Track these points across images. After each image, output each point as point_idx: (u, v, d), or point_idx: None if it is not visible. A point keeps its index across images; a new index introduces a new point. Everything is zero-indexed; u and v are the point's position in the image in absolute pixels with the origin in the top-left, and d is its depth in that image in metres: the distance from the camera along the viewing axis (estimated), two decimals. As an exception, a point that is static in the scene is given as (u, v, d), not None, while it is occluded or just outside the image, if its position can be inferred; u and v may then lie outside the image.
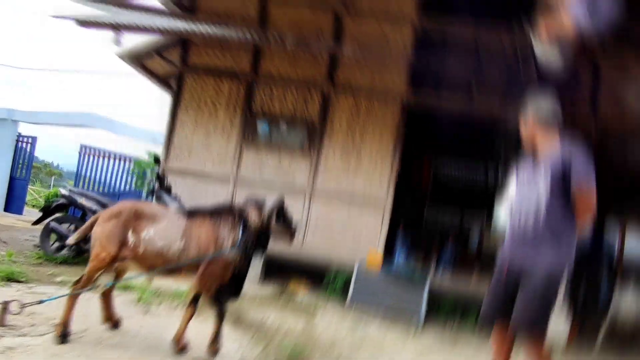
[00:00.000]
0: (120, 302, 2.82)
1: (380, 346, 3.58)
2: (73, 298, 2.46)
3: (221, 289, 2.53)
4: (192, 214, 2.67)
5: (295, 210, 5.37)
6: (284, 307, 4.41)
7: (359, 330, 4.01)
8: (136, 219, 2.51)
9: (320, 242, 5.69)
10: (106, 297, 2.67)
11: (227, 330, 2.73)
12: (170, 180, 5.66)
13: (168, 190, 5.34)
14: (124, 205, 2.66)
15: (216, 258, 2.46)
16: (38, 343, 2.31)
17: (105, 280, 2.60)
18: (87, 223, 2.66)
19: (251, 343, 2.99)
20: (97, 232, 2.51)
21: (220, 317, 2.50)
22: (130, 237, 2.47)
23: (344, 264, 5.53)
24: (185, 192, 5.99)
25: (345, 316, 4.61)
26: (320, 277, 5.77)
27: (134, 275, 2.72)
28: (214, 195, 6.01)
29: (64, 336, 2.37)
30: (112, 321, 2.70)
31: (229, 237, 2.53)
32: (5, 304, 2.41)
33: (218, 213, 2.65)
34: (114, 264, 2.52)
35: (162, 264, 2.44)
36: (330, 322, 4.16)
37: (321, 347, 3.22)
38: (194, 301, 2.55)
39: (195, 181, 6.22)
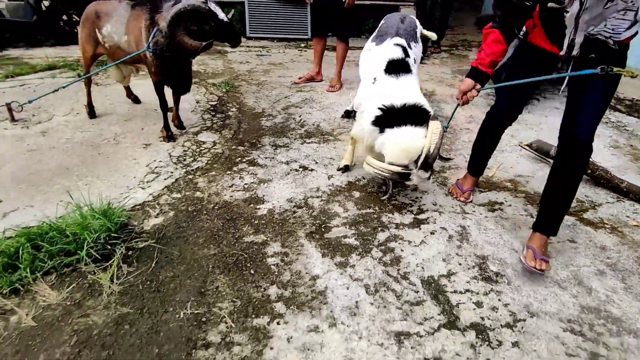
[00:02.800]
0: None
1: (284, 65, 4.80)
2: (87, 84, 3.13)
3: (164, 82, 2.76)
4: (134, 6, 2.64)
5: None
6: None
7: (265, 56, 5.11)
8: (97, 17, 2.71)
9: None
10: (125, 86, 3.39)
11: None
12: None
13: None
14: (89, 8, 2.79)
15: (145, 54, 2.55)
16: (54, 126, 3.10)
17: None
18: None
19: (194, 91, 3.99)
20: (79, 35, 2.92)
21: (175, 102, 3.00)
22: (99, 35, 2.76)
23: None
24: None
25: (250, 48, 5.55)
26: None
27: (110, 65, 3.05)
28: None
29: (91, 113, 3.21)
30: (132, 97, 3.51)
31: (146, 36, 2.50)
32: (8, 105, 2.98)
33: (148, 6, 2.52)
34: (96, 59, 3.02)
35: (123, 55, 2.71)
36: (240, 56, 5.12)
37: (244, 76, 4.35)
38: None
39: None
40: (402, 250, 1.97)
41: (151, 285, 1.72)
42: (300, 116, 3.47)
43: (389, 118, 2.03)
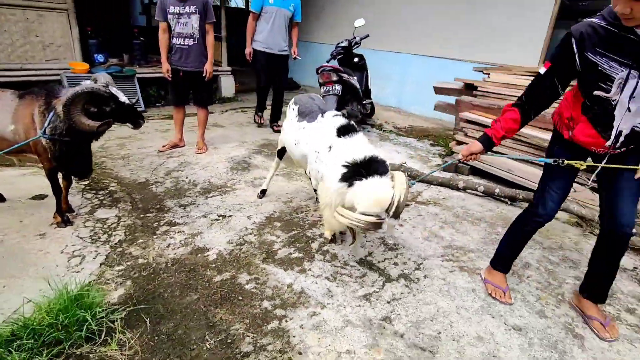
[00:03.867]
0: None
1: (136, 137, 4.84)
2: None
3: (58, 169, 2.66)
4: (22, 95, 2.49)
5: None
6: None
7: (110, 131, 4.98)
8: None
9: (6, 58, 5.22)
10: None
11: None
12: None
13: None
14: None
15: (36, 142, 2.48)
16: None
17: None
18: None
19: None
20: None
21: (65, 188, 2.85)
22: None
23: (48, 76, 5.50)
24: None
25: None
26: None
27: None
28: None
29: None
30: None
31: (40, 122, 2.44)
32: None
33: (43, 92, 2.48)
34: None
35: (7, 146, 2.46)
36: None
37: (101, 153, 4.22)
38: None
39: None
40: (333, 250, 2.67)
41: (160, 338, 1.85)
42: (187, 177, 3.75)
43: (355, 172, 2.07)
